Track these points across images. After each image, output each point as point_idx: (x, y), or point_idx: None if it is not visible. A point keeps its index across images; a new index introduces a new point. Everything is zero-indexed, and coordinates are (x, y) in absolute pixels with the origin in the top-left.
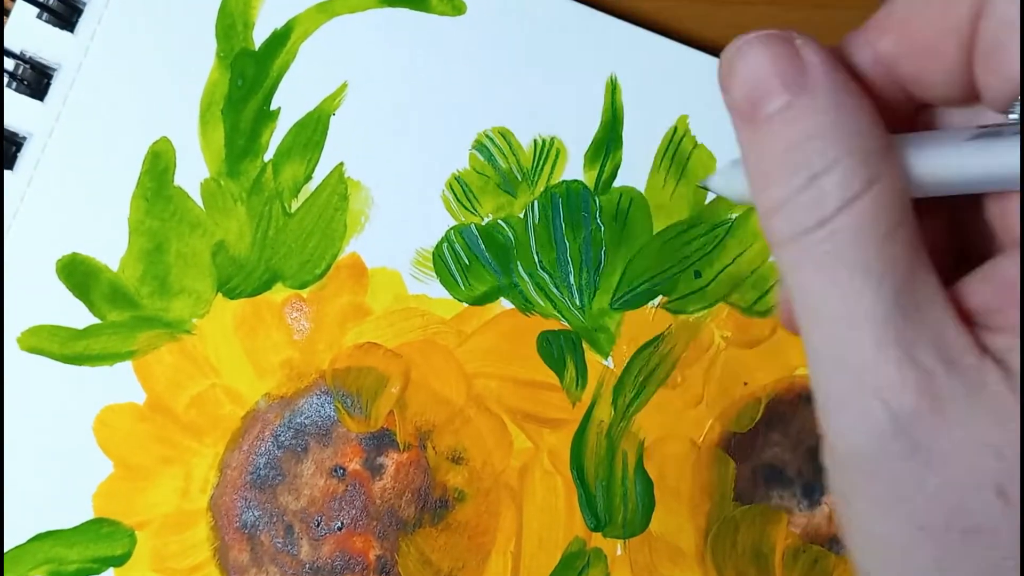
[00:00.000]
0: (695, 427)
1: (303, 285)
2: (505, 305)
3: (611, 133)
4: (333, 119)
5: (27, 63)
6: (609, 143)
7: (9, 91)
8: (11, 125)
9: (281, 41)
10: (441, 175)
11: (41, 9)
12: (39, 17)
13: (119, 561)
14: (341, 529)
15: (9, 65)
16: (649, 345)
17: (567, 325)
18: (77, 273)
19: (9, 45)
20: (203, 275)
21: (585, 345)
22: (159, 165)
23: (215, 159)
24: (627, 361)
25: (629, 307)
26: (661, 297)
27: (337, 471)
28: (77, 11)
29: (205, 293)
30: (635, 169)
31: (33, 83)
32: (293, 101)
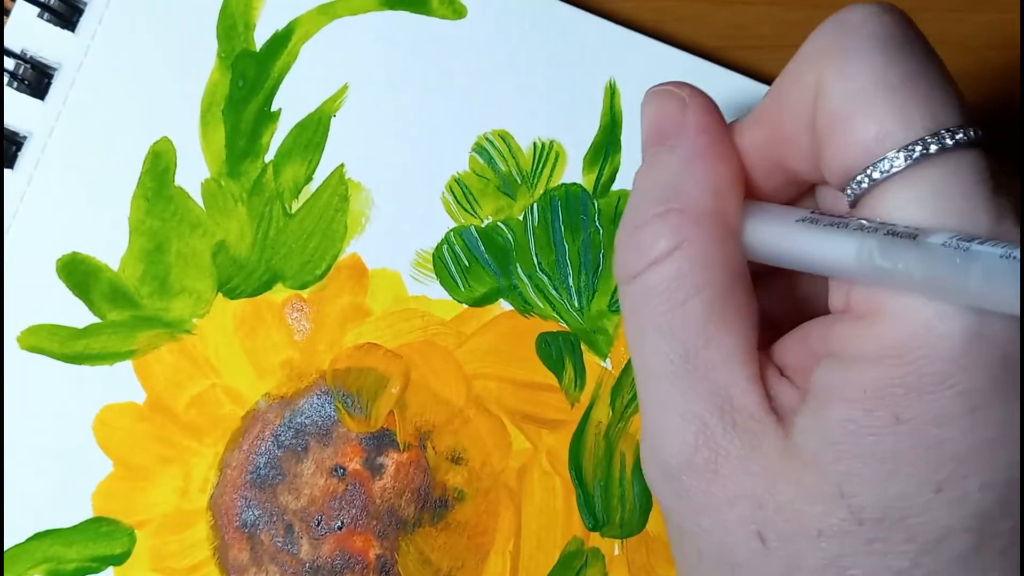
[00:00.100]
0: None
1: (303, 286)
2: (504, 307)
3: (610, 137)
4: (334, 121)
5: (27, 62)
6: (608, 146)
7: (9, 90)
8: (11, 124)
9: (282, 42)
10: (441, 177)
11: (42, 8)
12: (40, 16)
13: (118, 560)
14: (341, 528)
15: (9, 64)
16: None
17: (566, 327)
18: (77, 272)
19: (9, 44)
20: (203, 275)
21: (584, 346)
22: (160, 165)
23: (216, 159)
24: (625, 362)
25: None
26: None
27: (337, 471)
28: (78, 11)
29: (205, 293)
30: (634, 172)
31: (33, 82)
32: (294, 102)
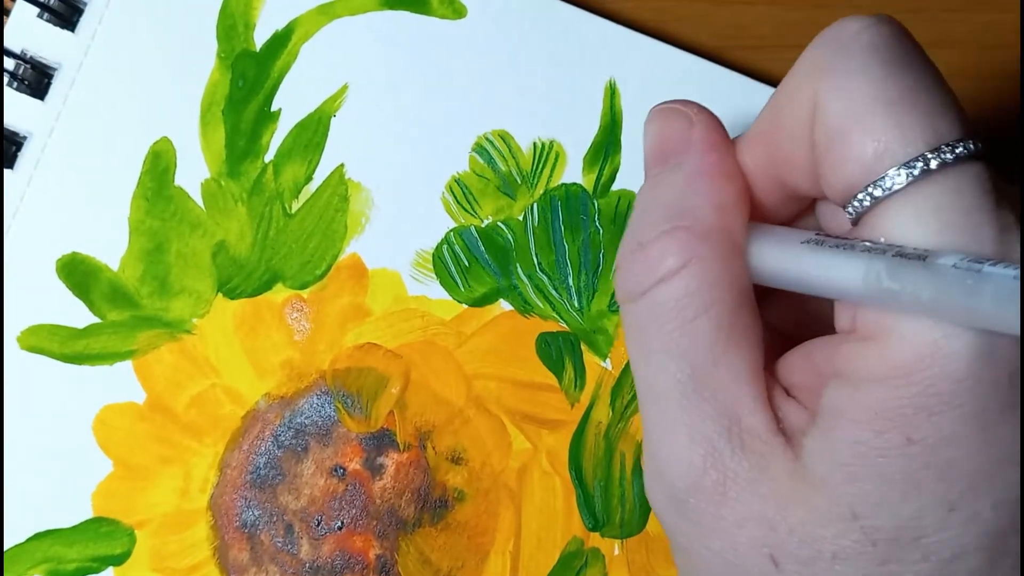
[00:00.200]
0: None
1: (303, 286)
2: (504, 307)
3: (610, 137)
4: (334, 121)
5: (27, 62)
6: (608, 146)
7: (9, 90)
8: (11, 124)
9: (282, 42)
10: (441, 177)
11: (42, 8)
12: (40, 16)
13: (118, 560)
14: (341, 528)
15: (9, 64)
16: None
17: (566, 327)
18: (77, 272)
19: (9, 44)
20: (203, 275)
21: (584, 347)
22: (160, 165)
23: (216, 159)
24: (625, 363)
25: None
26: None
27: (337, 471)
28: (78, 11)
29: (205, 293)
30: (634, 172)
31: (33, 82)
32: (294, 102)
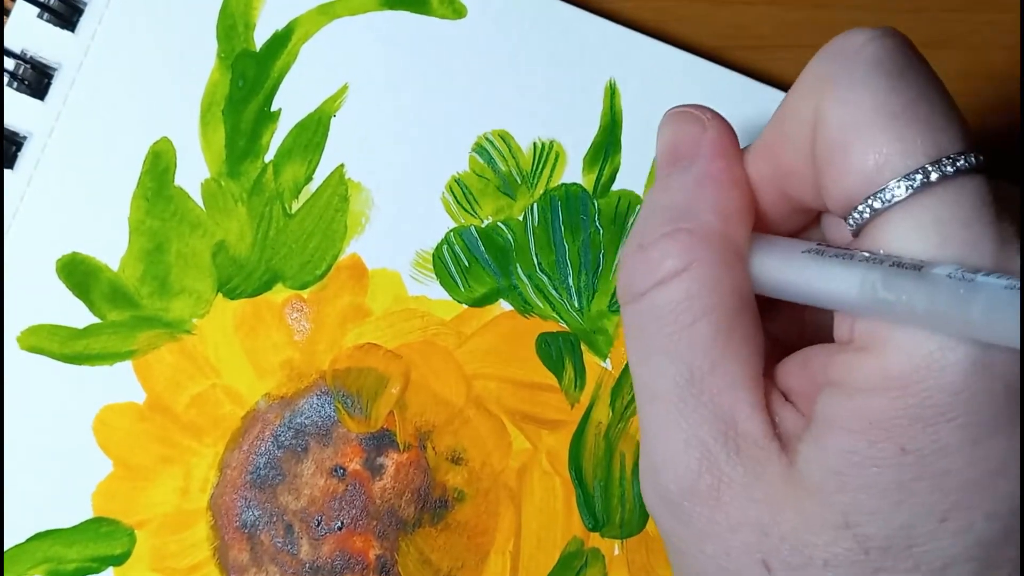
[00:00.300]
0: None
1: (303, 286)
2: (504, 307)
3: (610, 137)
4: (334, 121)
5: (27, 62)
6: (608, 147)
7: (9, 90)
8: (11, 125)
9: (282, 42)
10: (441, 177)
11: (42, 8)
12: (40, 16)
13: (118, 560)
14: (341, 529)
15: (9, 64)
16: None
17: (566, 327)
18: (77, 272)
19: (9, 44)
20: (203, 275)
21: (584, 347)
22: (160, 165)
23: (216, 159)
24: (625, 363)
25: None
26: None
27: (337, 471)
28: (78, 11)
29: (205, 293)
30: (634, 172)
31: (33, 82)
32: (294, 102)
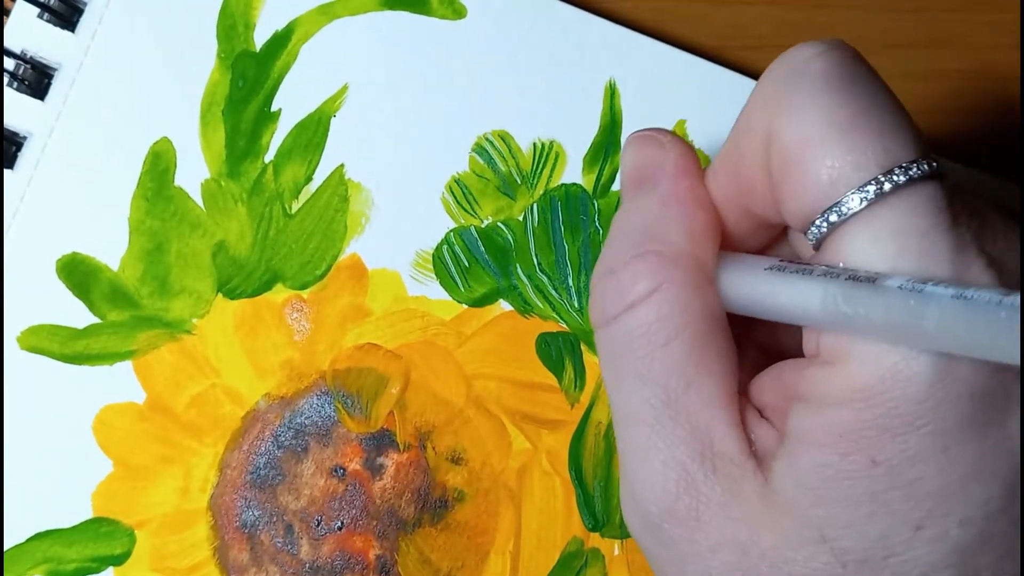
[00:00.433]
0: None
1: (303, 286)
2: (504, 307)
3: (610, 137)
4: (334, 121)
5: (27, 63)
6: (608, 147)
7: (9, 91)
8: (11, 125)
9: (282, 43)
10: (441, 177)
11: (42, 9)
12: (40, 17)
13: (118, 560)
14: (341, 529)
15: (9, 65)
16: None
17: (566, 327)
18: (77, 273)
19: (9, 45)
20: (203, 275)
21: (583, 347)
22: (160, 165)
23: (216, 160)
24: None
25: None
26: None
27: (337, 471)
28: (78, 11)
29: (205, 293)
30: None
31: (33, 83)
32: (294, 102)
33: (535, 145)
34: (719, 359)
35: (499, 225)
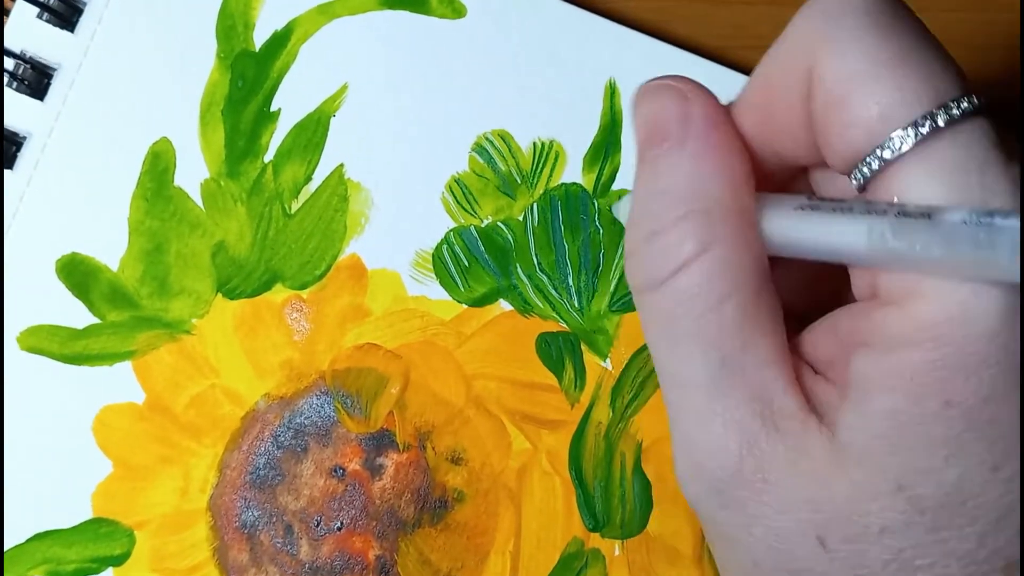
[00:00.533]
0: None
1: (303, 286)
2: (504, 307)
3: (610, 136)
4: (333, 121)
5: (27, 63)
6: (608, 146)
7: (9, 91)
8: (11, 125)
9: (281, 42)
10: (441, 177)
11: (41, 9)
12: (39, 17)
13: (118, 561)
14: (340, 529)
15: (9, 65)
16: (647, 347)
17: (566, 327)
18: (77, 273)
19: (9, 45)
20: (203, 275)
21: (584, 347)
22: (159, 165)
23: (215, 160)
24: (625, 363)
25: (627, 309)
26: None
27: (337, 471)
28: (77, 11)
29: (205, 293)
30: (634, 172)
31: (33, 83)
32: (293, 102)
33: (535, 145)
34: (771, 317)
35: (499, 225)
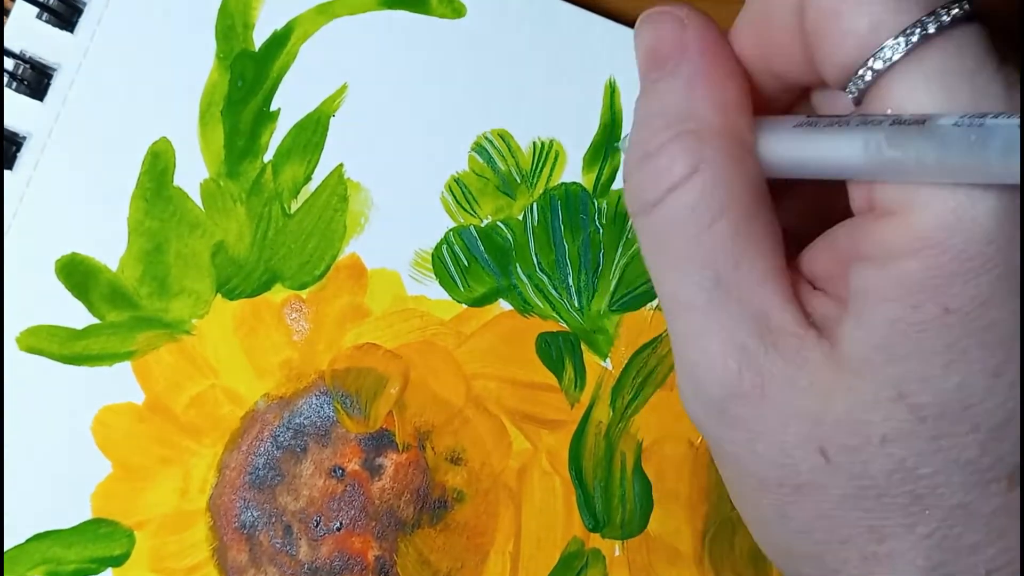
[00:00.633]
0: (693, 429)
1: (302, 286)
2: (504, 306)
3: (610, 136)
4: (333, 120)
5: (27, 63)
6: (608, 146)
7: (9, 91)
8: (11, 125)
9: (281, 42)
10: (440, 177)
11: (41, 9)
12: (39, 17)
13: (117, 561)
14: (340, 529)
15: (9, 65)
16: (647, 347)
17: (566, 327)
18: (76, 273)
19: (9, 45)
20: (202, 275)
21: (584, 346)
22: (159, 165)
23: (215, 160)
24: (625, 362)
25: (627, 309)
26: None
27: (336, 471)
28: (77, 11)
29: (204, 293)
30: None
31: (33, 83)
32: (293, 102)
33: (535, 144)
34: (766, 235)
35: (499, 224)
